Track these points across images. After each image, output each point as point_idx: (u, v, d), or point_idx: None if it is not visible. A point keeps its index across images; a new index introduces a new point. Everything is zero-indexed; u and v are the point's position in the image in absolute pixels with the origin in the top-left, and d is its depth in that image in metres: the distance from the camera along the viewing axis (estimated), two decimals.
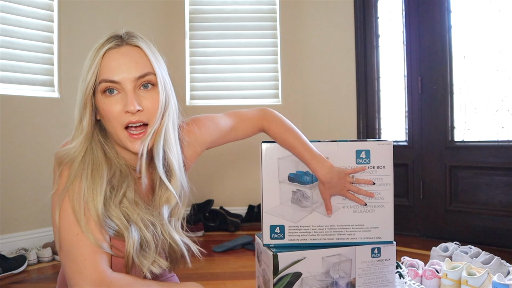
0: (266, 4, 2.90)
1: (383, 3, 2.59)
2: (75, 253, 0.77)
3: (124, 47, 0.82)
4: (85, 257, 0.76)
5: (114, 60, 0.80)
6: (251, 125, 1.11)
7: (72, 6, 2.36)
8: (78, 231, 0.78)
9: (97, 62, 0.79)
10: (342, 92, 2.74)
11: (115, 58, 0.80)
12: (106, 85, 0.80)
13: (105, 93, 0.81)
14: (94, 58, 0.80)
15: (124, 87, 0.80)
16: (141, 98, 0.81)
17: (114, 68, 0.80)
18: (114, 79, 0.79)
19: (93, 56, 0.80)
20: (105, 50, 0.80)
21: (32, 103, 2.21)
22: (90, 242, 0.77)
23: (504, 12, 2.08)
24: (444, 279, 1.41)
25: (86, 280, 0.75)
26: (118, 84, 0.80)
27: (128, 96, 0.79)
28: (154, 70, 0.83)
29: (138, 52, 0.83)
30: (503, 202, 2.06)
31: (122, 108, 0.80)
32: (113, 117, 0.80)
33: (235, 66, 2.89)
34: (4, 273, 1.76)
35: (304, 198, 1.10)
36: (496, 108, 2.12)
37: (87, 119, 0.82)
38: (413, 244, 2.17)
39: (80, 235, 0.78)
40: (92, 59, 0.80)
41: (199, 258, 0.93)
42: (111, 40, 0.82)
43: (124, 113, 0.80)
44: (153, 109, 0.82)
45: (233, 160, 2.85)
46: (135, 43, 0.83)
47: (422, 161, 2.36)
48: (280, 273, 1.04)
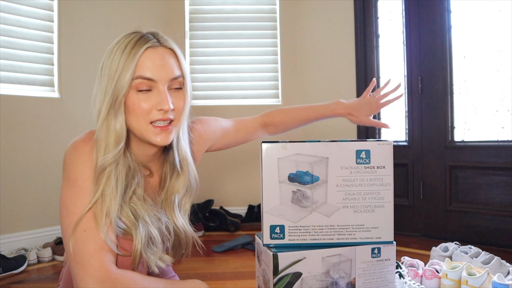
0: (266, 4, 2.90)
1: (383, 3, 2.59)
2: (81, 249, 0.77)
3: (161, 48, 0.85)
4: (91, 253, 0.77)
5: (152, 59, 0.83)
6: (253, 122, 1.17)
7: (72, 6, 2.36)
8: (86, 227, 0.79)
9: (136, 59, 0.81)
10: (342, 92, 2.74)
11: (153, 57, 0.83)
12: (142, 81, 0.82)
13: (138, 90, 0.83)
14: (130, 55, 0.81)
15: (159, 86, 0.83)
16: (172, 98, 0.85)
17: (151, 67, 0.82)
18: (151, 77, 0.82)
19: (128, 53, 0.81)
20: (144, 48, 0.82)
21: (32, 103, 2.21)
22: (96, 239, 0.78)
23: (504, 12, 2.08)
24: (444, 279, 1.41)
25: (91, 276, 0.75)
26: (154, 82, 0.83)
27: (164, 95, 0.83)
28: (184, 73, 0.88)
29: (172, 55, 0.87)
30: (503, 202, 2.06)
31: (154, 106, 0.83)
32: (144, 113, 0.83)
33: (235, 66, 2.88)
34: (4, 273, 1.76)
35: (304, 198, 1.10)
36: (496, 108, 2.12)
37: (121, 118, 0.83)
38: (413, 244, 2.17)
39: (88, 232, 0.78)
40: (126, 56, 0.81)
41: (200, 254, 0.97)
42: (147, 39, 0.84)
43: (157, 110, 0.83)
44: (181, 109, 0.87)
45: (233, 160, 2.85)
46: (170, 46, 0.87)
47: (422, 161, 2.36)
48: (280, 273, 1.04)
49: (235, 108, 2.76)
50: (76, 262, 0.77)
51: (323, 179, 1.10)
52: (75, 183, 0.82)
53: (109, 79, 0.82)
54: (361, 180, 1.11)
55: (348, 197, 1.11)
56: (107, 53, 0.85)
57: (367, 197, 1.10)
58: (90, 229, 0.78)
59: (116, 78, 0.81)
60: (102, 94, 0.83)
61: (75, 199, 0.81)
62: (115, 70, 0.81)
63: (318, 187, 1.10)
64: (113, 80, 0.81)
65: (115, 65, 0.81)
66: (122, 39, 0.85)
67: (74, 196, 0.81)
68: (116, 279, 0.76)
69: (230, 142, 1.14)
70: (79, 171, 0.82)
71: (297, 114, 1.20)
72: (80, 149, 0.84)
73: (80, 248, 0.77)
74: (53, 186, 2.21)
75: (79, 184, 0.82)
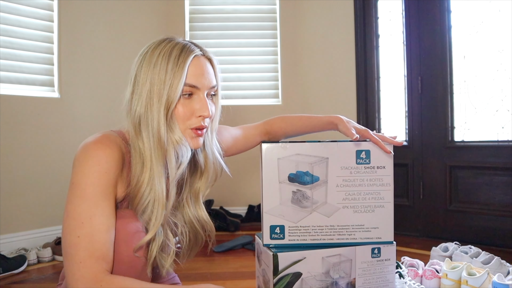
0: (266, 4, 2.90)
1: (383, 3, 2.59)
2: (73, 254, 0.78)
3: (203, 57, 0.90)
4: (81, 260, 0.77)
5: (199, 67, 0.88)
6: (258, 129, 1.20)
7: (72, 6, 2.36)
8: (79, 233, 0.78)
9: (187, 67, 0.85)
10: (342, 92, 2.74)
11: (200, 66, 0.88)
12: (189, 89, 0.86)
13: (184, 96, 0.87)
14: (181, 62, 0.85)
15: (200, 93, 0.88)
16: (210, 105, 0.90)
17: (198, 75, 0.87)
18: (196, 85, 0.87)
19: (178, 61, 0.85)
20: (193, 56, 0.87)
21: (32, 103, 2.21)
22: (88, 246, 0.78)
23: (504, 12, 2.08)
24: (444, 279, 1.41)
25: (77, 282, 0.76)
26: (198, 89, 0.87)
27: (205, 102, 0.87)
28: (218, 82, 0.93)
29: (210, 64, 0.92)
30: (503, 202, 2.06)
31: (195, 111, 0.87)
32: (185, 118, 0.87)
33: (235, 66, 2.89)
34: (4, 273, 1.76)
35: (304, 199, 1.10)
36: (496, 108, 2.12)
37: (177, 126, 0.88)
38: (413, 244, 2.17)
39: (81, 238, 0.78)
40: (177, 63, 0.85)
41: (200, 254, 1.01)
42: (192, 47, 0.88)
43: (197, 117, 0.88)
44: (215, 115, 0.94)
45: (233, 160, 2.85)
46: (209, 56, 0.92)
47: (422, 161, 2.36)
48: (280, 273, 1.04)
49: (235, 108, 2.75)
50: (67, 266, 0.78)
51: (323, 179, 1.10)
52: (78, 186, 0.80)
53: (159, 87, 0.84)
54: (361, 180, 1.11)
55: (348, 197, 1.11)
56: (144, 60, 0.86)
57: (367, 197, 1.10)
58: (83, 236, 0.78)
59: (167, 86, 0.84)
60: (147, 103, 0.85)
61: (75, 204, 0.80)
62: (163, 78, 0.84)
63: (318, 187, 1.10)
64: (164, 88, 0.84)
65: (163, 72, 0.84)
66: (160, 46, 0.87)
67: (75, 200, 0.80)
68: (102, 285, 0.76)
69: (238, 150, 1.18)
70: (83, 175, 0.80)
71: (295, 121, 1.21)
72: (89, 152, 0.82)
73: (72, 253, 0.78)
74: (53, 186, 2.21)
75: (81, 188, 0.80)
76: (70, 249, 0.78)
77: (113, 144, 0.84)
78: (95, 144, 0.82)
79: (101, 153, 0.81)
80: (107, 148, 0.83)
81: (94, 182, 0.80)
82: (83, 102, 2.41)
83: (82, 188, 0.80)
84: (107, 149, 0.82)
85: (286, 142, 1.12)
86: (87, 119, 2.39)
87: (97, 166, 0.81)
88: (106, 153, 0.82)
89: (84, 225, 0.79)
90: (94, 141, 0.83)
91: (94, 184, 0.80)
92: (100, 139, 0.84)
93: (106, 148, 0.82)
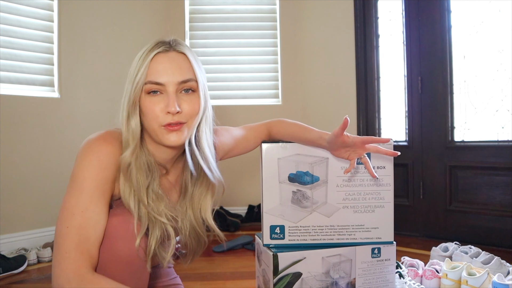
0: (266, 4, 2.90)
1: (383, 3, 2.59)
2: (61, 244, 0.79)
3: (171, 53, 0.89)
4: (67, 251, 0.78)
5: (161, 63, 0.87)
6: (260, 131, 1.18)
7: (72, 6, 2.36)
8: (69, 224, 0.80)
9: (146, 65, 0.86)
10: (342, 92, 2.74)
11: (162, 62, 0.87)
12: (151, 86, 0.86)
13: (149, 93, 0.87)
14: (143, 60, 0.87)
15: (167, 89, 0.87)
16: (181, 100, 0.87)
17: (160, 71, 0.86)
18: (159, 81, 0.86)
19: (143, 59, 0.87)
20: (154, 54, 0.87)
21: (32, 103, 2.21)
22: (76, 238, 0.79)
23: (504, 12, 2.08)
24: (444, 279, 1.41)
25: (62, 273, 0.77)
26: (162, 86, 0.86)
27: (170, 98, 0.86)
28: (196, 77, 0.90)
29: (183, 59, 0.89)
30: (503, 202, 2.06)
31: (163, 108, 0.86)
32: (154, 115, 0.86)
33: (235, 66, 2.88)
34: (4, 273, 1.76)
35: (304, 199, 1.10)
36: (496, 108, 2.12)
37: (136, 118, 0.87)
38: (413, 244, 2.17)
39: (70, 229, 0.80)
40: (141, 61, 0.87)
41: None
42: (160, 45, 0.88)
43: (165, 113, 0.86)
44: (191, 112, 0.89)
45: (233, 160, 2.85)
46: (181, 50, 0.90)
47: (422, 161, 2.36)
48: (280, 273, 1.04)
49: (235, 108, 2.76)
50: (54, 255, 0.80)
51: (323, 179, 1.10)
52: (76, 179, 0.83)
53: (128, 83, 0.88)
54: (361, 180, 1.11)
55: (348, 197, 1.11)
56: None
57: (367, 197, 1.10)
58: (72, 227, 0.80)
59: (132, 82, 0.87)
60: (124, 97, 0.89)
61: (71, 195, 0.83)
62: (132, 75, 0.87)
63: (318, 187, 1.10)
64: (132, 85, 0.87)
65: (133, 70, 0.88)
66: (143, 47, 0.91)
67: (72, 191, 0.83)
68: (82, 282, 0.77)
69: (240, 151, 1.17)
70: (81, 170, 0.83)
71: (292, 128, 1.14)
72: (91, 147, 0.85)
73: (60, 243, 0.79)
74: (53, 186, 2.21)
75: (79, 181, 0.83)
76: (59, 238, 0.80)
77: (115, 141, 0.87)
78: (97, 140, 0.86)
79: (102, 148, 0.85)
80: (108, 144, 0.86)
81: (92, 176, 0.83)
82: (83, 102, 2.40)
83: (80, 181, 0.82)
84: (108, 146, 0.86)
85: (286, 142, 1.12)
86: (87, 119, 2.39)
87: (97, 161, 0.83)
88: (107, 149, 0.85)
89: (75, 217, 0.80)
90: (97, 137, 0.87)
91: (92, 178, 0.83)
92: (103, 136, 0.87)
93: (107, 144, 0.86)
